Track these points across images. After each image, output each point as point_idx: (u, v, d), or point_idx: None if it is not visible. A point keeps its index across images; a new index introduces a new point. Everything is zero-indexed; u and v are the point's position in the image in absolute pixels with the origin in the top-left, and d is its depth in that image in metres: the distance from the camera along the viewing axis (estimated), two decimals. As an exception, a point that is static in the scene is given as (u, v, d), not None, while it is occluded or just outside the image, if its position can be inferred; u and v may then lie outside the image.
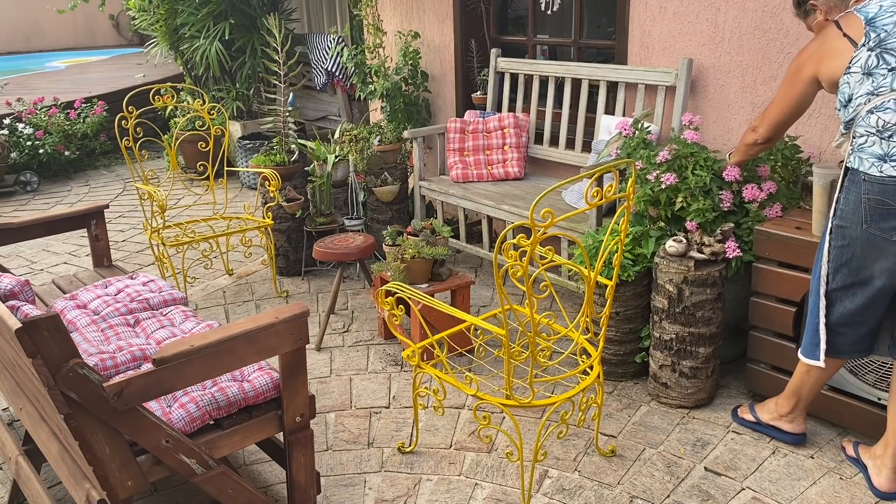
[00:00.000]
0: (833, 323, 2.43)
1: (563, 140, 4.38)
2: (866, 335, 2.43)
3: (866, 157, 2.23)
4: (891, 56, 2.18)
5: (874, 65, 2.20)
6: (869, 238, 2.25)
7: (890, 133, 2.18)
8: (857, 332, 2.42)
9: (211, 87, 6.92)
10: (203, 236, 4.06)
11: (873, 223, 2.23)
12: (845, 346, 2.46)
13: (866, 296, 2.34)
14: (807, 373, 2.60)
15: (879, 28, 2.20)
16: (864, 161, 2.24)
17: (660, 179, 3.02)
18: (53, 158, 6.99)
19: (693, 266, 2.83)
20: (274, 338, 2.12)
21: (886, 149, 2.18)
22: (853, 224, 2.28)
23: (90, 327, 2.61)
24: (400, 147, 4.77)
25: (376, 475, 2.70)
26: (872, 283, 2.31)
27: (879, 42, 2.20)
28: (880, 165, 2.20)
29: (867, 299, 2.35)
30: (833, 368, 2.56)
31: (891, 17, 2.20)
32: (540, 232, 2.03)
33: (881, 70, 2.19)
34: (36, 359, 1.74)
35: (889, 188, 2.18)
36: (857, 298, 2.36)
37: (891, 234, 2.21)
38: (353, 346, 3.65)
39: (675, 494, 2.52)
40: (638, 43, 3.93)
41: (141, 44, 12.77)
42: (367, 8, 5.13)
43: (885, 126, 2.19)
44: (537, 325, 2.23)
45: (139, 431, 1.94)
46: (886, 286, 2.30)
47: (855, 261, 2.31)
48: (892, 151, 2.17)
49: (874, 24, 2.21)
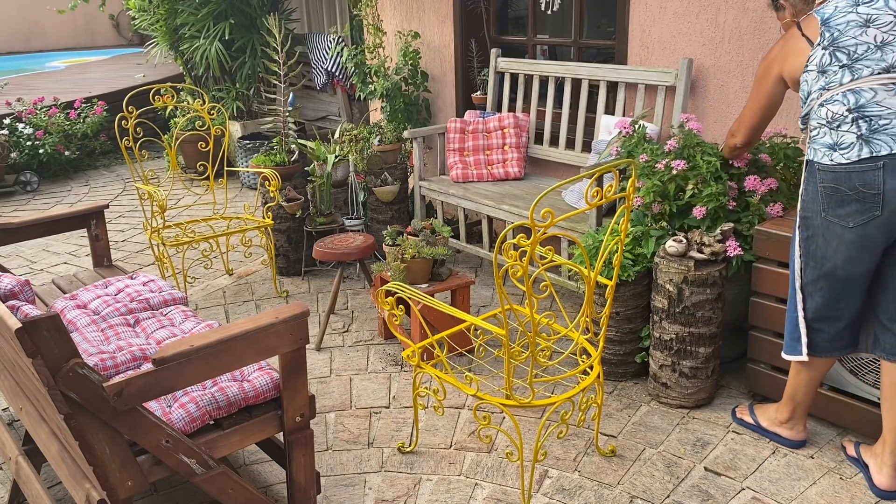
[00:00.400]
0: (810, 319, 2.51)
1: (563, 140, 4.38)
2: (845, 330, 2.49)
3: (819, 147, 2.35)
4: (842, 53, 2.31)
5: (827, 62, 2.33)
6: (828, 226, 2.36)
7: (838, 124, 2.30)
8: (835, 327, 2.48)
9: (211, 87, 6.92)
10: (203, 236, 4.06)
11: (830, 210, 2.34)
12: (826, 343, 2.51)
13: (834, 288, 2.42)
14: (797, 375, 2.62)
15: (833, 28, 2.33)
16: (818, 151, 2.36)
17: (670, 167, 3.02)
18: (53, 158, 6.99)
19: (693, 266, 2.83)
20: (274, 338, 2.12)
21: (836, 138, 2.30)
22: (814, 213, 2.39)
23: (90, 327, 2.61)
24: (400, 147, 4.77)
25: (376, 475, 2.70)
26: (836, 273, 2.39)
27: (833, 41, 2.32)
28: (831, 154, 2.31)
29: (836, 292, 2.42)
30: (822, 368, 2.58)
31: (844, 17, 2.32)
32: (540, 232, 2.03)
33: (833, 67, 2.32)
34: (36, 359, 1.74)
35: (840, 175, 2.29)
36: (826, 291, 2.44)
37: (846, 220, 2.31)
38: (353, 346, 3.65)
39: (675, 494, 2.53)
40: (638, 43, 3.93)
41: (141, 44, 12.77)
42: (367, 8, 5.13)
43: (833, 117, 2.31)
44: (537, 325, 2.23)
45: (139, 431, 1.94)
46: (851, 276, 2.38)
47: (819, 251, 2.41)
48: (840, 141, 2.29)
49: (828, 24, 2.34)
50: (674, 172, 3.02)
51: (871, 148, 2.24)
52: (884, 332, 2.43)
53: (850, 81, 2.29)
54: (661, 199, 3.09)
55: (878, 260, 2.36)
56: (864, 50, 2.27)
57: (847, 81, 2.29)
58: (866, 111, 2.26)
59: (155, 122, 5.70)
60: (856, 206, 2.28)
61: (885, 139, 2.22)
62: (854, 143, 2.26)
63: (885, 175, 2.22)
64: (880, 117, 2.24)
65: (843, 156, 2.28)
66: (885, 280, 2.39)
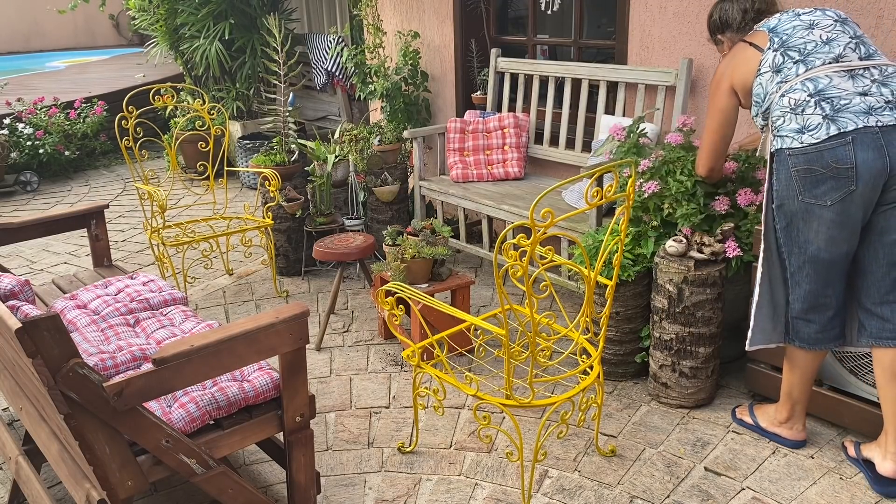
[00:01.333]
0: (799, 310, 2.53)
1: (563, 140, 4.39)
2: (833, 319, 2.51)
3: (786, 133, 2.39)
4: (794, 52, 2.43)
5: (780, 62, 2.45)
6: (806, 208, 2.38)
7: (802, 108, 2.37)
8: (825, 316, 2.50)
9: (211, 87, 6.92)
10: (203, 236, 4.06)
11: (806, 192, 2.37)
12: (817, 335, 2.53)
13: (819, 272, 2.44)
14: (790, 371, 2.63)
15: (781, 33, 2.47)
16: (785, 139, 2.39)
17: (642, 189, 3.03)
18: (53, 158, 6.99)
19: (693, 266, 2.83)
20: (274, 338, 2.12)
21: (802, 122, 2.36)
22: (789, 199, 2.41)
23: (90, 327, 2.61)
24: (400, 147, 4.77)
25: (376, 475, 2.70)
26: (820, 256, 2.42)
27: (782, 43, 2.46)
28: (799, 137, 2.36)
29: (821, 276, 2.45)
30: (813, 363, 2.59)
31: (790, 24, 2.48)
32: (540, 232, 2.03)
33: (787, 64, 2.43)
34: (36, 359, 1.74)
35: (812, 155, 2.33)
36: (813, 277, 2.46)
37: (824, 199, 2.34)
38: (353, 346, 3.65)
39: (675, 494, 2.53)
40: (638, 43, 3.93)
41: (141, 44, 12.78)
42: (367, 8, 5.13)
43: (796, 104, 2.38)
44: (537, 325, 2.23)
45: (139, 431, 1.94)
46: (834, 258, 2.41)
47: (801, 235, 2.43)
48: (807, 123, 2.35)
49: (776, 31, 2.49)
50: (646, 196, 3.03)
51: (837, 125, 2.30)
52: (869, 317, 2.47)
53: (805, 72, 2.39)
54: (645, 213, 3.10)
55: (856, 242, 2.40)
56: (813, 46, 2.41)
57: (803, 72, 2.40)
58: (826, 94, 2.35)
59: (155, 122, 5.71)
60: (831, 184, 2.32)
61: (849, 116, 2.30)
62: (821, 123, 2.32)
63: (855, 149, 2.28)
64: (840, 98, 2.33)
65: (812, 136, 2.33)
66: (863, 265, 2.44)
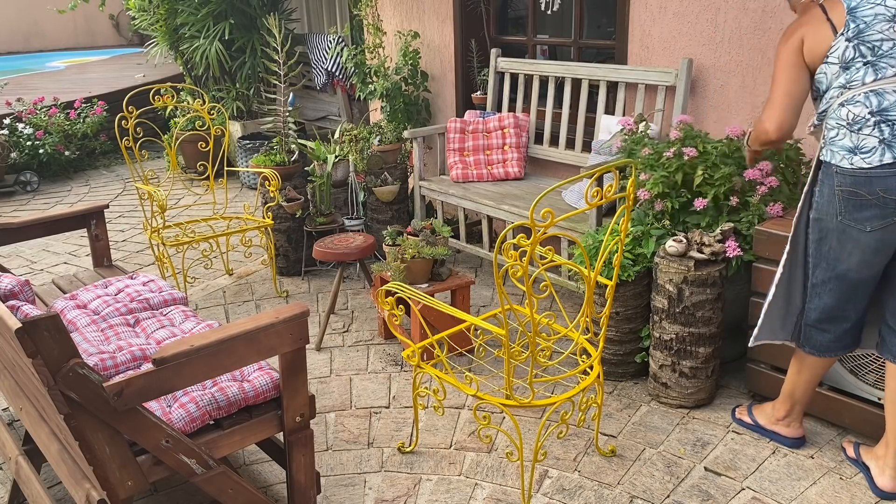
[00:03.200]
0: (815, 319, 2.49)
1: (563, 140, 4.38)
2: (849, 331, 2.48)
3: (837, 150, 2.29)
4: (866, 48, 2.22)
5: (850, 57, 2.24)
6: (843, 229, 2.31)
7: (859, 126, 2.23)
8: (840, 328, 2.47)
9: (211, 87, 6.92)
10: (203, 236, 4.06)
11: (847, 214, 2.29)
12: (830, 344, 2.50)
13: (844, 290, 2.39)
14: (798, 373, 2.62)
15: (859, 19, 2.23)
16: (836, 154, 2.29)
17: (681, 153, 3.03)
18: (53, 158, 6.98)
19: (693, 266, 2.83)
20: (274, 338, 2.12)
21: (856, 142, 2.24)
22: (828, 216, 2.34)
23: (90, 327, 2.61)
24: (400, 147, 4.77)
25: (376, 475, 2.70)
26: (848, 276, 2.36)
27: (858, 33, 2.23)
28: (851, 158, 2.25)
29: (845, 293, 2.40)
30: (822, 369, 2.58)
31: (871, 9, 2.23)
32: (540, 232, 2.03)
33: (856, 63, 2.24)
34: (36, 359, 1.74)
35: (860, 179, 2.24)
36: (836, 293, 2.41)
37: (864, 224, 2.26)
38: (353, 346, 3.65)
39: (675, 494, 2.52)
40: (638, 43, 3.93)
41: (141, 44, 12.77)
42: (367, 8, 5.13)
43: (854, 119, 2.24)
44: (537, 325, 2.23)
45: (139, 431, 1.94)
46: (863, 279, 2.35)
47: (832, 253, 2.36)
48: (861, 144, 2.23)
49: (855, 14, 2.24)
50: (685, 159, 3.03)
51: (893, 153, 2.19)
52: (891, 334, 2.41)
53: (872, 81, 2.22)
54: (668, 191, 3.09)
55: (886, 262, 2.34)
56: (890, 47, 2.20)
57: (870, 81, 2.22)
58: (889, 114, 2.20)
59: (155, 122, 5.70)
60: (875, 211, 2.23)
61: None
62: (876, 148, 2.21)
63: None
64: None
65: (865, 160, 2.22)
66: (893, 283, 2.36)
